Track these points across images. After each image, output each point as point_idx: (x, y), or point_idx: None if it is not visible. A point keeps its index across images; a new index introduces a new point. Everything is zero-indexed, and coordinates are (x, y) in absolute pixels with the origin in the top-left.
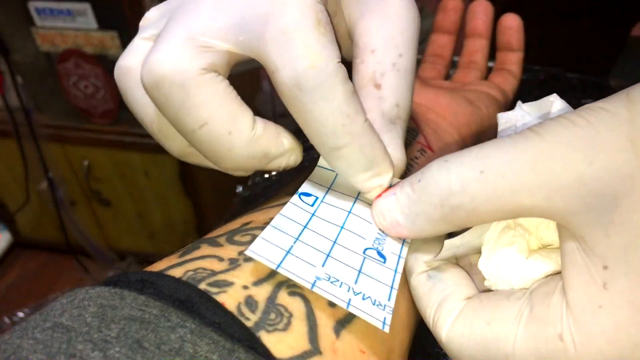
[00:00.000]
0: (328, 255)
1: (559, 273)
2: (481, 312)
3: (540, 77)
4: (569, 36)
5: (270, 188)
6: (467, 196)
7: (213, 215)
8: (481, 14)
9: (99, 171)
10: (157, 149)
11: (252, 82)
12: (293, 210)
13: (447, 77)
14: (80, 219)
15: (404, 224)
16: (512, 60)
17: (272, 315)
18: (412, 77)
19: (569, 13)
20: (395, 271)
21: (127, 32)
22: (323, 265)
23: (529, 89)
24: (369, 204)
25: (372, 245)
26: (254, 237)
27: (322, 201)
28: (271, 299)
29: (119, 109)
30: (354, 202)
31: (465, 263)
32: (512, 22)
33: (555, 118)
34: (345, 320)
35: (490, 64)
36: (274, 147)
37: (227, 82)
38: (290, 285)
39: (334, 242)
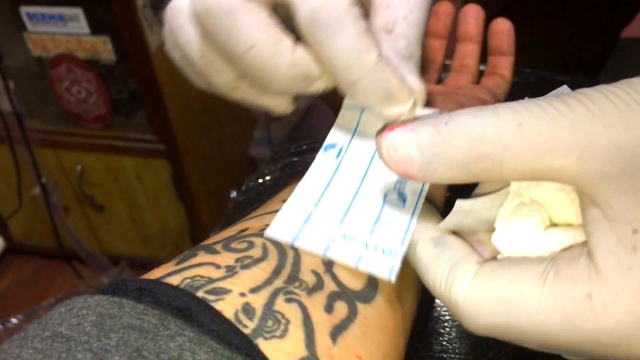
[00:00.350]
0: (347, 211)
1: (577, 246)
2: (502, 272)
3: (531, 79)
4: (559, 39)
5: (264, 193)
6: (499, 145)
7: (207, 219)
8: (472, 18)
9: (92, 176)
10: (150, 153)
11: None
12: (317, 169)
13: (440, 81)
14: (73, 224)
15: (417, 162)
16: (504, 65)
17: (270, 322)
18: (423, 30)
19: (559, 15)
20: (414, 212)
21: (120, 37)
22: (340, 224)
23: (521, 92)
24: None
25: (394, 187)
26: (251, 243)
27: (346, 150)
28: (268, 306)
29: (112, 114)
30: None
31: (472, 240)
32: (503, 27)
33: (595, 88)
34: (341, 326)
35: (482, 67)
36: (314, 69)
37: (268, 11)
38: (287, 291)
39: (355, 194)
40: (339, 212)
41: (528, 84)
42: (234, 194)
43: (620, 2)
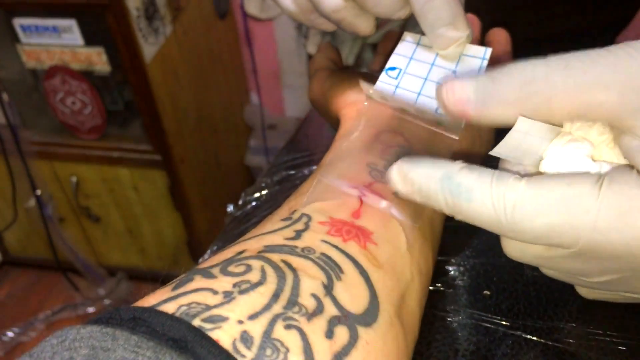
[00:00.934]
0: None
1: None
2: (559, 177)
3: None
4: (553, 44)
5: (261, 207)
6: (548, 84)
7: (204, 229)
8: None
9: (88, 187)
10: (146, 164)
11: (240, 94)
12: (381, 86)
13: None
14: (69, 235)
15: (473, 101)
16: None
17: (269, 351)
18: None
19: (553, 22)
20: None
21: (114, 48)
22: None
23: None
24: (444, 68)
25: None
26: (249, 266)
27: (404, 72)
28: (267, 334)
29: (107, 125)
30: (430, 68)
31: (517, 170)
32: (500, 37)
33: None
34: (342, 353)
35: None
36: None
37: None
38: (286, 317)
39: (414, 102)
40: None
41: None
42: (230, 208)
43: (614, 8)
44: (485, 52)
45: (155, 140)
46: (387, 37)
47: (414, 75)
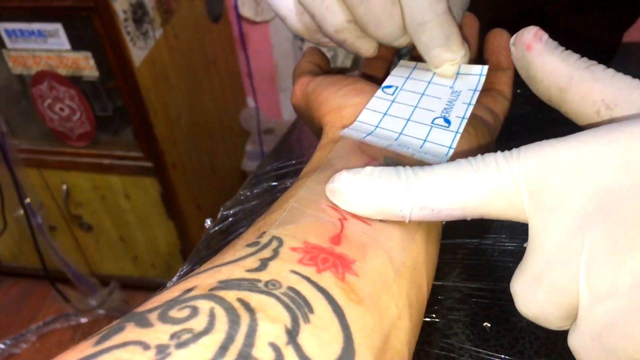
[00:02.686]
0: (400, 133)
1: None
2: (572, 137)
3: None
4: (560, 44)
5: (239, 223)
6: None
7: (198, 237)
8: (466, 26)
9: (79, 195)
10: (138, 171)
11: (236, 98)
12: (376, 102)
13: None
14: (60, 244)
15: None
16: (502, 80)
17: None
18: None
19: (560, 21)
20: (457, 132)
21: (102, 52)
22: (396, 140)
23: (524, 104)
24: (441, 85)
25: (440, 114)
26: (195, 309)
27: (400, 89)
28: None
29: (97, 131)
30: (427, 85)
31: None
32: (500, 40)
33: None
34: None
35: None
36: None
37: None
38: None
39: (407, 120)
40: (394, 133)
41: (531, 95)
42: (208, 222)
43: (621, 6)
44: (482, 69)
45: (146, 147)
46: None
47: (409, 92)
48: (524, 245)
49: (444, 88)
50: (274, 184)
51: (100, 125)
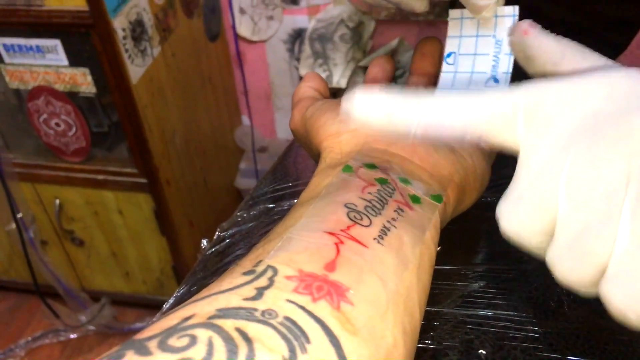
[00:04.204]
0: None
1: None
2: (566, 76)
3: None
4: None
5: (234, 245)
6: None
7: (190, 254)
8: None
9: (72, 210)
10: (132, 187)
11: (231, 116)
12: (444, 78)
13: None
14: (52, 259)
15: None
16: None
17: None
18: None
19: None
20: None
21: (99, 69)
22: None
23: None
24: (486, 36)
25: (490, 74)
26: (193, 338)
27: (458, 54)
28: None
29: (91, 147)
30: (476, 41)
31: None
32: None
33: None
34: None
35: None
36: None
37: None
38: None
39: (468, 85)
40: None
41: None
42: (204, 243)
43: (611, 34)
44: (514, 9)
45: (141, 163)
46: (374, 63)
47: (465, 55)
48: None
49: (488, 40)
50: (270, 205)
51: (95, 141)
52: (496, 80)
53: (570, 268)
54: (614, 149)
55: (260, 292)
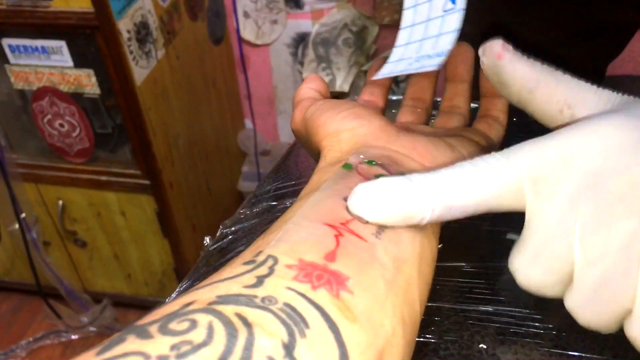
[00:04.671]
0: (422, 41)
1: None
2: (558, 133)
3: (529, 118)
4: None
5: (237, 241)
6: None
7: (192, 256)
8: (461, 56)
9: (74, 211)
10: (134, 188)
11: (234, 119)
12: (406, 14)
13: (429, 121)
14: (54, 260)
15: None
16: (497, 107)
17: None
18: None
19: (546, 55)
20: (461, 10)
21: (104, 71)
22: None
23: (518, 132)
24: None
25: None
26: (194, 322)
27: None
28: None
29: (95, 148)
30: None
31: None
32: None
33: None
34: None
35: (474, 104)
36: None
37: None
38: None
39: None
40: (416, 43)
41: (526, 123)
42: (207, 240)
43: (604, 40)
44: None
45: (144, 165)
46: (374, 66)
47: None
48: (507, 235)
49: None
50: (273, 203)
51: (98, 142)
52: (453, 2)
53: (593, 314)
54: (622, 206)
55: (260, 280)
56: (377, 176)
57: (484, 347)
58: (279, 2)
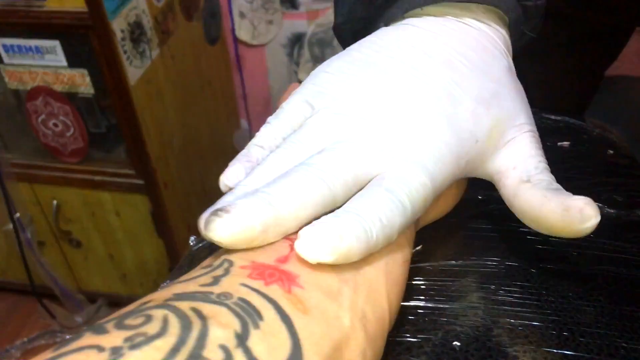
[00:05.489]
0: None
1: None
2: None
3: None
4: (545, 79)
5: None
6: None
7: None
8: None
9: (69, 211)
10: (129, 188)
11: (230, 119)
12: None
13: None
14: (49, 260)
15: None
16: None
17: None
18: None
19: (545, 57)
20: None
21: (98, 70)
22: None
23: None
24: None
25: None
26: (149, 317)
27: None
28: None
29: (89, 148)
30: None
31: None
32: None
33: None
34: None
35: None
36: None
37: None
38: None
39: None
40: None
41: None
42: (192, 240)
43: (604, 44)
44: None
45: (138, 165)
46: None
47: None
48: None
49: None
50: None
51: (93, 142)
52: None
53: None
54: None
55: (216, 280)
56: None
57: (458, 344)
58: (275, 2)
